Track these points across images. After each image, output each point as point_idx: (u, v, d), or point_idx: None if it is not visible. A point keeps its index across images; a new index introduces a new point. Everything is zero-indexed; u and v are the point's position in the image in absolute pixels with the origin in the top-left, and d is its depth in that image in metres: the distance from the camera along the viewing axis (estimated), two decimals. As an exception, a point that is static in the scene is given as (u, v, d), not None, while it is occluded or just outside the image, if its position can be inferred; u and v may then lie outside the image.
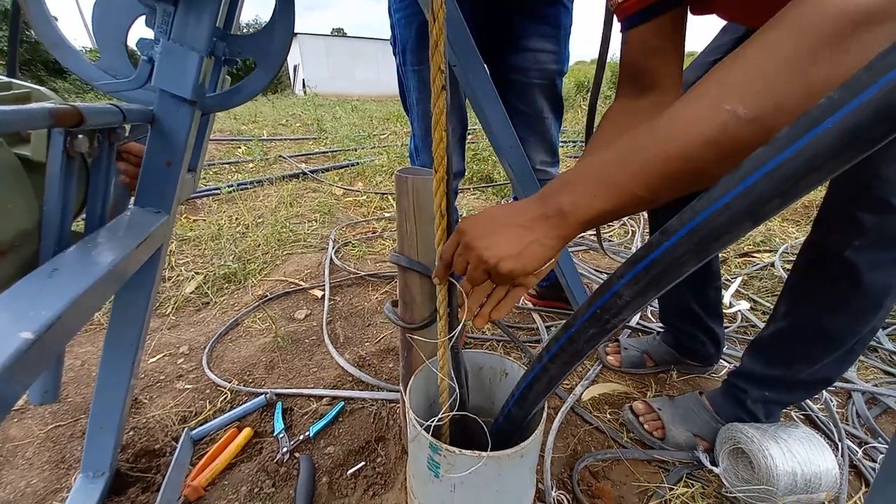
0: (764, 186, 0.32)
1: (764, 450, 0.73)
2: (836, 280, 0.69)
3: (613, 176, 0.42)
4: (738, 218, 0.34)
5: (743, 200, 0.33)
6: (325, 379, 1.08)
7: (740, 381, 0.84)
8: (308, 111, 7.68)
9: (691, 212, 0.37)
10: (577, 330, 0.48)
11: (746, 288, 1.57)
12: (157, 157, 0.56)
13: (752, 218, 0.33)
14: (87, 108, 0.42)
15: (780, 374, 0.79)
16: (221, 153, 3.99)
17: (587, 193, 0.44)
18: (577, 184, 0.45)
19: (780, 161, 0.31)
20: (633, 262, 0.41)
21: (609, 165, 0.43)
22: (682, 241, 0.37)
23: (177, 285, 1.56)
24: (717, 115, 0.35)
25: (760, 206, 0.33)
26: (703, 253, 0.37)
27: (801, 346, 0.76)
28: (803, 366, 0.76)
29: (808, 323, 0.74)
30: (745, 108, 0.34)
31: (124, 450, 0.86)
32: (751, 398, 0.82)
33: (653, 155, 0.39)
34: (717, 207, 0.35)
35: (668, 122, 0.39)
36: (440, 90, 0.48)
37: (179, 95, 0.53)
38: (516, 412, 0.60)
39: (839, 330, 0.71)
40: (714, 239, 0.35)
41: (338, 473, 0.82)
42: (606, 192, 0.43)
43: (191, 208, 2.44)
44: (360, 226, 2.22)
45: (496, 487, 0.55)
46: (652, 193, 0.40)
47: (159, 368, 1.12)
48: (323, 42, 21.53)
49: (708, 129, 0.35)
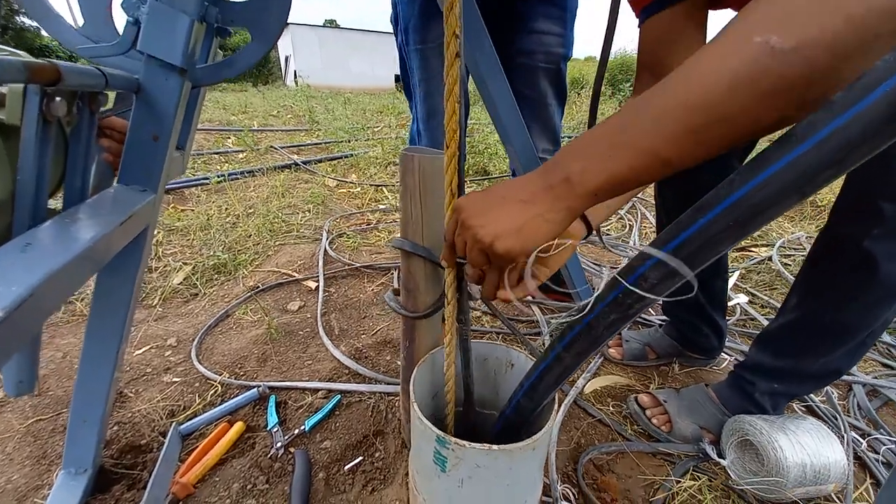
0: (814, 157, 0.30)
1: (773, 441, 0.71)
2: (852, 270, 0.67)
3: (628, 134, 0.37)
4: (785, 192, 0.31)
5: (790, 172, 0.31)
6: (321, 372, 1.04)
7: (748, 373, 0.83)
8: (300, 103, 7.56)
9: (730, 186, 0.34)
10: (597, 316, 0.45)
11: (744, 281, 1.57)
12: (142, 130, 0.52)
13: (800, 192, 0.31)
14: (66, 66, 0.38)
15: (790, 366, 0.77)
16: (210, 143, 3.90)
17: (598, 157, 0.39)
18: (585, 147, 0.40)
19: (833, 128, 0.29)
20: (661, 242, 0.39)
21: (622, 124, 0.38)
22: (719, 218, 0.34)
23: (164, 276, 1.51)
24: (746, 48, 0.30)
25: (810, 178, 0.30)
26: (742, 230, 0.34)
27: (813, 338, 0.74)
28: (814, 358, 0.75)
29: (821, 314, 0.72)
30: (779, 37, 0.29)
31: (108, 445, 0.82)
32: (759, 390, 0.81)
33: (672, 104, 0.34)
34: (761, 180, 0.32)
35: (687, 67, 0.34)
36: (454, 57, 0.44)
37: (167, 62, 0.49)
38: (526, 403, 0.58)
39: (853, 322, 0.70)
40: (756, 215, 0.33)
41: (335, 469, 0.79)
42: (621, 153, 0.37)
43: (178, 198, 2.37)
44: (355, 217, 2.18)
45: (507, 482, 0.53)
46: (676, 151, 0.35)
47: (146, 361, 1.08)
48: (315, 33, 21.16)
49: (735, 65, 0.30)
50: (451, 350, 0.60)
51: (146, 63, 0.49)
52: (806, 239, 1.91)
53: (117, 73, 0.47)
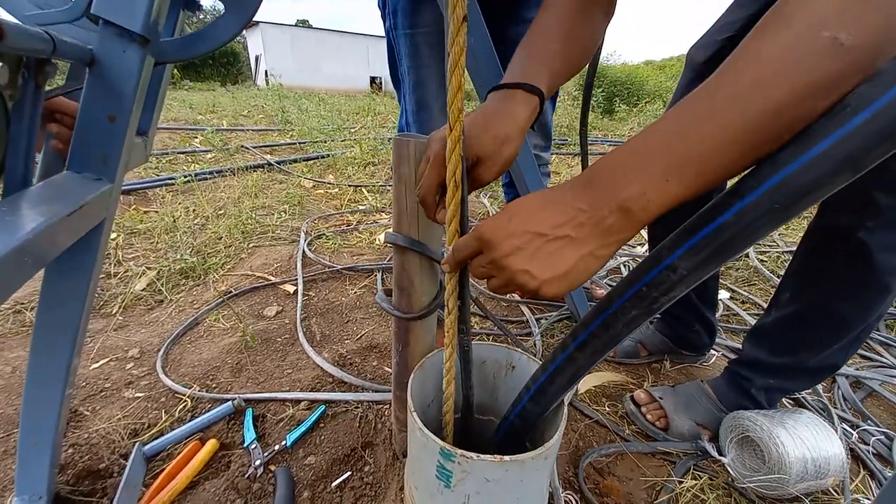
0: (870, 129, 0.27)
1: (774, 438, 0.70)
2: (846, 262, 0.67)
3: (693, 149, 0.32)
4: (836, 169, 0.28)
5: (843, 147, 0.28)
6: (302, 381, 0.97)
7: (744, 369, 0.82)
8: (272, 102, 7.33)
9: (772, 166, 0.31)
10: (615, 312, 0.41)
11: (724, 278, 1.60)
12: (96, 108, 0.45)
13: (853, 168, 0.28)
14: (9, 23, 0.31)
15: (787, 362, 0.77)
16: (176, 142, 3.70)
17: (657, 177, 0.33)
18: (639, 166, 0.34)
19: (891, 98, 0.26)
20: (691, 229, 0.35)
21: (683, 137, 0.33)
22: (760, 201, 0.31)
23: (125, 282, 1.39)
24: (818, 45, 0.27)
25: (864, 152, 0.28)
26: (785, 214, 0.31)
27: (809, 333, 0.74)
28: (811, 353, 0.74)
29: (816, 308, 0.72)
30: (847, 34, 0.27)
31: (63, 470, 0.73)
32: (755, 386, 0.80)
33: (748, 111, 0.30)
34: (811, 158, 0.29)
35: (754, 64, 0.30)
36: (461, 22, 0.39)
37: (126, 28, 0.42)
38: (532, 408, 0.54)
39: (849, 315, 0.69)
40: (803, 196, 0.30)
41: (321, 486, 0.73)
42: (683, 173, 0.33)
43: (141, 199, 2.22)
44: (334, 218, 2.09)
45: (516, 495, 0.48)
46: (741, 162, 0.32)
47: (104, 375, 0.98)
48: (287, 32, 20.66)
49: (811, 65, 0.28)
50: (451, 365, 0.55)
51: (102, 30, 0.43)
52: (778, 236, 1.98)
53: (68, 40, 0.40)
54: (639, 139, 0.36)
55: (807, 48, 0.28)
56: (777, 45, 0.29)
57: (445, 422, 0.60)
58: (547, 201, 0.39)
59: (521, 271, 0.39)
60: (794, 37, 0.29)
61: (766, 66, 0.29)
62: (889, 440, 0.85)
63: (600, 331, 0.43)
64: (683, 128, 0.33)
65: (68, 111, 0.56)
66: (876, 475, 0.78)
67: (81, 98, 0.45)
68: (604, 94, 6.83)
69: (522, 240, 0.38)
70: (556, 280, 0.38)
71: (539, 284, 0.39)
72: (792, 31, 0.29)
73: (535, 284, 0.39)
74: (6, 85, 0.37)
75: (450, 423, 0.60)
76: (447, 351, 0.54)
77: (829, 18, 0.28)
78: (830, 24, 0.27)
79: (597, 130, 5.43)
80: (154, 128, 0.65)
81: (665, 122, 0.35)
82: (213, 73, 19.39)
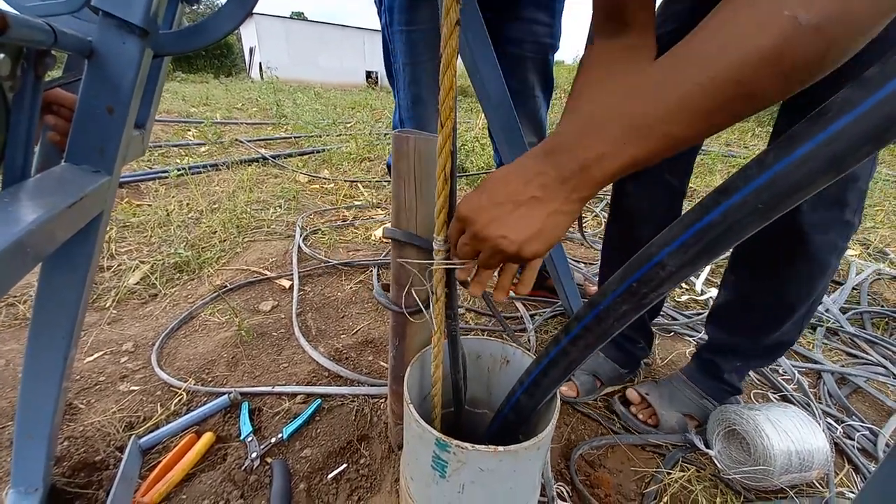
0: (853, 131, 0.28)
1: (760, 431, 0.72)
2: (784, 245, 0.68)
3: (647, 115, 0.34)
4: (820, 169, 0.29)
5: (826, 149, 0.29)
6: (298, 375, 0.98)
7: (711, 354, 0.86)
8: (266, 96, 7.25)
9: (758, 166, 0.32)
10: (607, 307, 0.42)
11: (714, 276, 1.62)
12: (95, 100, 0.45)
13: (837, 169, 0.29)
14: (13, 14, 0.31)
15: (744, 342, 0.81)
16: (169, 135, 3.65)
17: (615, 141, 0.36)
18: (599, 130, 0.37)
19: (874, 102, 0.28)
20: (681, 226, 0.36)
21: (638, 102, 0.35)
22: (747, 200, 0.32)
23: (118, 275, 1.38)
24: (777, 21, 0.28)
25: (848, 154, 0.29)
26: (771, 212, 0.32)
27: (758, 316, 0.77)
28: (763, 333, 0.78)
29: (762, 292, 0.75)
30: (807, 13, 0.27)
31: (59, 462, 0.73)
32: (725, 370, 0.84)
33: (698, 80, 0.32)
34: (795, 158, 0.30)
35: (710, 37, 0.32)
36: (453, 26, 0.40)
37: (126, 20, 0.42)
38: (526, 402, 0.55)
39: (793, 298, 0.72)
40: (789, 195, 0.31)
41: (317, 478, 0.74)
42: (639, 136, 0.35)
43: (134, 192, 2.20)
44: (330, 213, 2.09)
45: (510, 485, 0.50)
46: (695, 129, 0.34)
47: (98, 368, 0.97)
48: (282, 24, 20.40)
49: (767, 40, 0.29)
50: (438, 351, 0.56)
51: (101, 21, 0.42)
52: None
53: (68, 31, 0.40)
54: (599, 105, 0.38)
55: (766, 23, 0.29)
56: (737, 19, 0.30)
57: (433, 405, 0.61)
58: (512, 170, 0.42)
59: (499, 237, 0.42)
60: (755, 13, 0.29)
61: (723, 38, 0.31)
62: (873, 436, 0.88)
63: (593, 325, 0.44)
64: (636, 100, 0.35)
65: (65, 103, 0.56)
66: (860, 469, 0.80)
67: (80, 90, 0.45)
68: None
69: (496, 209, 0.42)
70: (533, 239, 0.41)
71: (518, 247, 0.42)
72: (755, 9, 0.30)
73: (515, 248, 0.42)
74: (6, 76, 0.37)
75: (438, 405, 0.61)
76: (435, 337, 0.55)
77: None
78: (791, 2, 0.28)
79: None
80: (151, 121, 0.65)
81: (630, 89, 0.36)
82: (206, 65, 19.10)
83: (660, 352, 1.14)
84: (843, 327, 1.25)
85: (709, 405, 0.86)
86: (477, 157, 3.02)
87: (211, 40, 0.52)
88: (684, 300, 1.43)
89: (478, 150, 3.11)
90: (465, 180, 2.69)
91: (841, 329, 1.25)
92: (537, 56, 0.98)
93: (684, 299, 1.43)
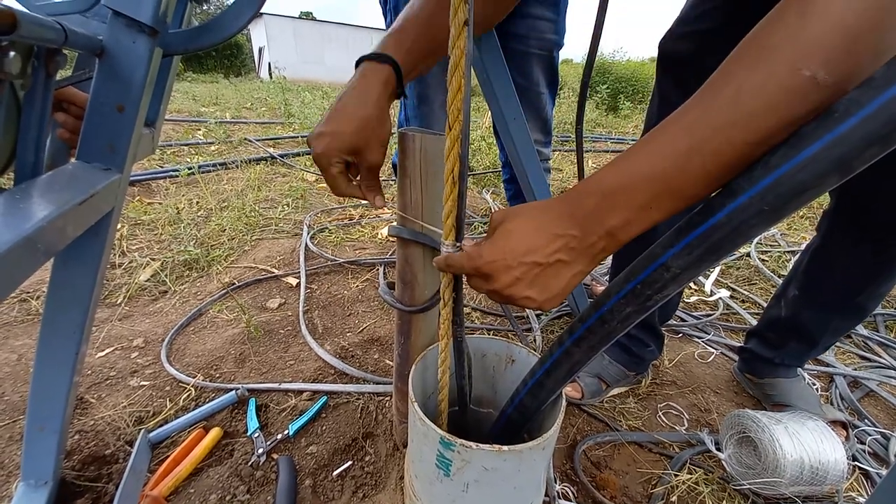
0: (858, 133, 0.28)
1: (774, 439, 0.71)
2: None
3: (672, 181, 0.34)
4: (825, 171, 0.29)
5: (833, 150, 0.28)
6: (304, 372, 0.98)
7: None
8: (275, 95, 7.30)
9: (764, 168, 0.32)
10: (611, 309, 0.42)
11: (725, 277, 1.60)
12: (105, 98, 0.45)
13: (842, 171, 0.29)
14: (23, 12, 0.31)
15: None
16: (179, 134, 3.70)
17: (641, 207, 0.36)
18: (627, 199, 0.37)
19: (881, 103, 0.27)
20: (685, 228, 0.36)
21: (662, 168, 0.35)
22: (752, 202, 0.32)
23: (129, 272, 1.40)
24: (796, 82, 0.28)
25: (853, 156, 0.28)
26: (776, 215, 0.32)
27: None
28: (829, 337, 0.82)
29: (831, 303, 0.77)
30: (826, 73, 0.27)
31: (69, 456, 0.74)
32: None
33: (724, 151, 0.32)
34: (801, 160, 0.29)
35: (733, 97, 0.31)
36: (461, 26, 0.40)
37: (136, 19, 0.43)
38: (529, 402, 0.55)
39: (865, 302, 0.74)
40: (794, 196, 0.30)
41: (322, 475, 0.74)
42: (664, 202, 0.36)
43: (145, 190, 2.23)
44: (337, 212, 2.10)
45: (514, 484, 0.49)
46: (715, 187, 0.34)
47: (109, 364, 0.99)
48: (290, 24, 20.54)
49: (787, 102, 0.29)
50: (445, 356, 0.56)
51: (111, 21, 0.43)
52: (780, 236, 1.98)
53: (79, 30, 0.40)
54: (622, 168, 0.38)
55: (786, 87, 0.29)
56: (756, 81, 0.30)
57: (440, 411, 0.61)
58: (533, 227, 0.41)
59: (523, 298, 0.42)
60: (775, 74, 0.29)
61: (743, 106, 0.30)
62: (885, 440, 0.86)
63: (597, 326, 0.44)
64: (664, 163, 0.35)
65: (76, 101, 0.57)
66: (871, 474, 0.79)
67: (91, 88, 0.45)
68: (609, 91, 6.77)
69: (520, 270, 0.41)
70: (554, 298, 0.42)
71: (539, 304, 0.43)
72: (772, 69, 0.29)
73: (536, 305, 0.43)
74: (17, 74, 0.37)
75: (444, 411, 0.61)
76: (442, 342, 0.55)
77: (811, 56, 0.28)
78: (811, 61, 0.28)
79: (601, 128, 5.41)
80: (161, 119, 0.66)
81: (646, 154, 0.36)
82: (217, 65, 19.27)
83: (668, 353, 1.12)
84: (856, 330, 1.23)
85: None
86: (483, 156, 3.01)
87: (219, 39, 0.52)
88: (693, 301, 1.41)
89: (484, 149, 3.11)
90: (471, 179, 2.68)
91: (854, 332, 1.23)
92: (542, 52, 0.97)
93: (693, 300, 1.41)
